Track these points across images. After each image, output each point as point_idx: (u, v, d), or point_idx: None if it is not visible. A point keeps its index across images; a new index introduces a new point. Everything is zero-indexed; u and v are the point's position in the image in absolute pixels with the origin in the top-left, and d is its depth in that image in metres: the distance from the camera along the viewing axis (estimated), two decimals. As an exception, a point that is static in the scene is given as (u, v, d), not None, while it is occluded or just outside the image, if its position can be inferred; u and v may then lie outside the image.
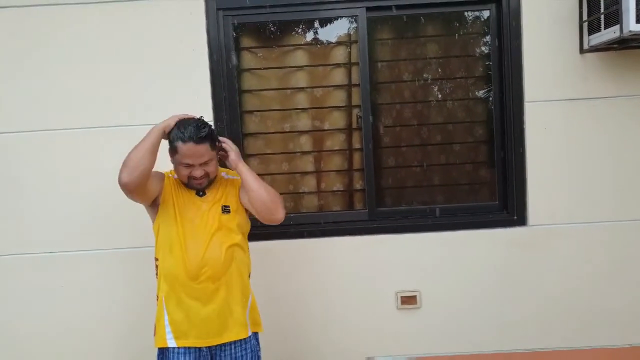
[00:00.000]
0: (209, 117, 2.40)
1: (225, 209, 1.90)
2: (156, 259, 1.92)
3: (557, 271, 2.50)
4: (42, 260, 2.45)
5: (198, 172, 1.83)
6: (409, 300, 2.50)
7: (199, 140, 1.77)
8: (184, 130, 1.78)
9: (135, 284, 2.42)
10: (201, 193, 1.90)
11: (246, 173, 1.89)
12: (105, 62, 2.40)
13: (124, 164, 1.78)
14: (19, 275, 2.45)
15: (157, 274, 1.92)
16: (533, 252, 2.50)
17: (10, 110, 2.40)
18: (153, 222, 1.94)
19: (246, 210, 1.98)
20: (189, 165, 1.82)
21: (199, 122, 1.82)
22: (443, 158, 2.62)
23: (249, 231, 2.02)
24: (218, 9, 2.42)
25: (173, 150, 1.83)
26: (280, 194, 1.97)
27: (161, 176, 1.93)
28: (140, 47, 2.41)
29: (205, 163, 1.83)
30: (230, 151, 1.93)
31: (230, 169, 2.00)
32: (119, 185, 1.79)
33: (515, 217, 2.52)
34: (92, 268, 2.46)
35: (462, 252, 2.50)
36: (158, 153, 1.82)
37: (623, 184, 2.49)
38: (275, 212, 1.90)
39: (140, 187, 1.81)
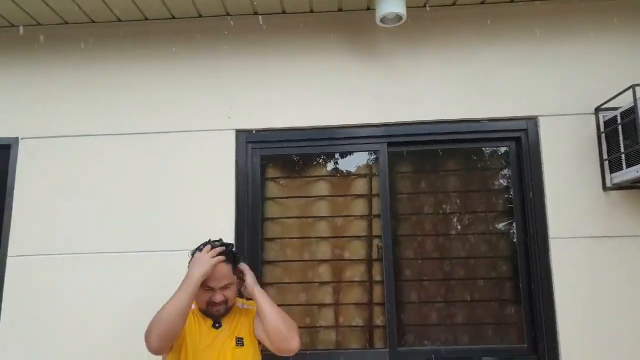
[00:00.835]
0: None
1: (239, 342, 1.85)
2: None
3: None
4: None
5: (218, 297, 1.82)
6: None
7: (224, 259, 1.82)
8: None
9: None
10: (217, 325, 1.86)
11: (262, 298, 1.86)
12: (135, 187, 2.52)
13: (156, 324, 1.70)
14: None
15: None
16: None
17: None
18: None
19: (258, 343, 1.90)
20: (209, 289, 1.82)
21: (223, 243, 1.89)
22: (467, 294, 2.52)
23: None
24: (247, 142, 2.55)
25: None
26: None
27: None
28: (172, 173, 2.52)
29: (226, 287, 1.84)
30: (248, 274, 1.93)
31: (245, 295, 1.95)
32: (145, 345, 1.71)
33: (546, 364, 2.34)
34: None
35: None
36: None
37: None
38: (290, 340, 1.80)
39: (169, 347, 1.76)
